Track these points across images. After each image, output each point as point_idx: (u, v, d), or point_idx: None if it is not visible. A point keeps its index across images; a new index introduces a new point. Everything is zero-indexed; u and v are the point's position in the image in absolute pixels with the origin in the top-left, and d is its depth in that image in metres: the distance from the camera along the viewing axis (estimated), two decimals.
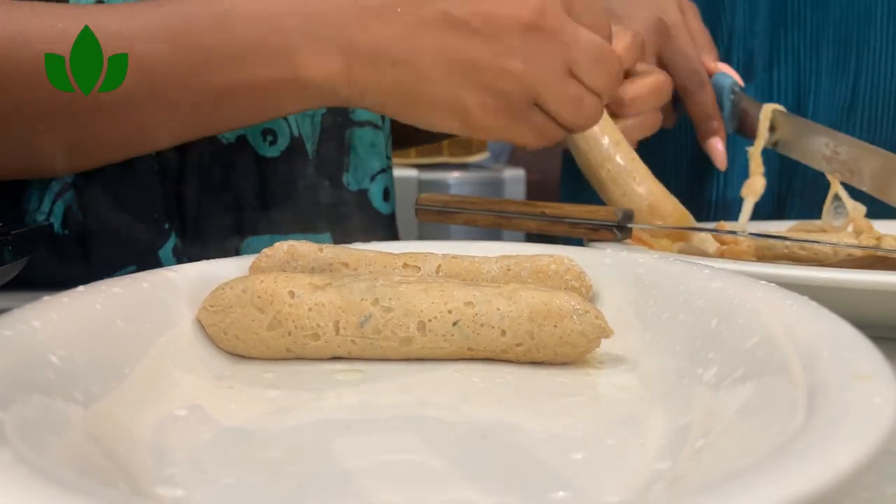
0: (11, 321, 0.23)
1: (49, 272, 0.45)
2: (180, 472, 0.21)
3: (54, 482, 0.15)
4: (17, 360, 0.21)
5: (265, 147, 0.53)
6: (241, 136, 0.53)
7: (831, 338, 0.22)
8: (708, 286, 0.30)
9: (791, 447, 0.16)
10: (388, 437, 0.24)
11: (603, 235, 0.46)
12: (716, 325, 0.27)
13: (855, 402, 0.17)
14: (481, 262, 0.35)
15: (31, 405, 0.20)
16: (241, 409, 0.26)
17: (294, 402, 0.27)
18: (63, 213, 0.48)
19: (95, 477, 0.19)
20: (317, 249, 0.36)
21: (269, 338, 0.30)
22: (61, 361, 0.23)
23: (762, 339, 0.24)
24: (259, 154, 0.53)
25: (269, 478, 0.21)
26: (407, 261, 0.35)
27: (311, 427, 0.25)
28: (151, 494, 0.20)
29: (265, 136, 0.53)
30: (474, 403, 0.27)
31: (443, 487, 0.20)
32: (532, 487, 0.20)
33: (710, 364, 0.25)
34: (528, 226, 0.49)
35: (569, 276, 0.34)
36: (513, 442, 0.23)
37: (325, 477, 0.21)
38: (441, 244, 0.39)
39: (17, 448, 0.17)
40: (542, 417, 0.26)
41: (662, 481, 0.20)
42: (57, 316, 0.25)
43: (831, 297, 0.27)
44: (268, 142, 0.53)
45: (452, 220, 0.51)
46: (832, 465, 0.14)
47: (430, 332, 0.29)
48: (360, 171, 0.60)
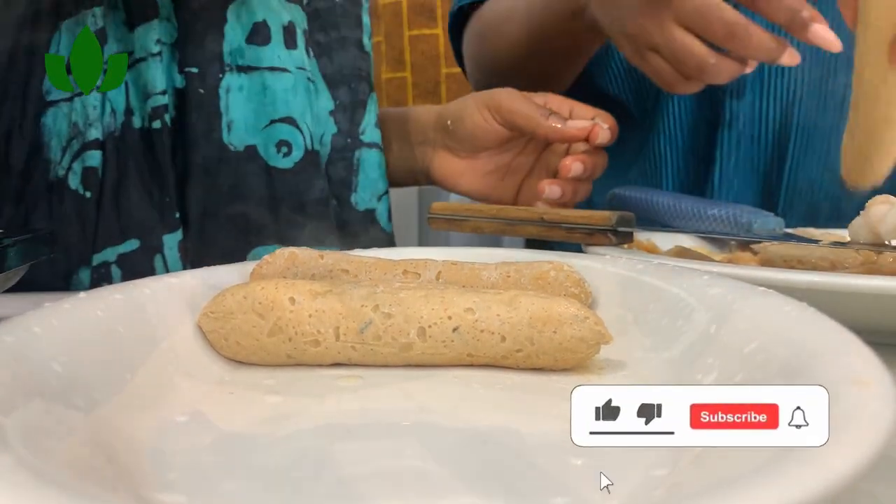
0: (13, 327, 0.23)
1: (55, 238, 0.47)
2: (181, 478, 0.21)
3: (56, 487, 0.15)
4: (19, 366, 0.21)
5: (277, 158, 0.54)
6: (251, 146, 0.53)
7: (830, 343, 0.22)
8: (707, 292, 0.30)
9: (790, 453, 0.16)
10: (388, 443, 0.24)
11: (599, 240, 0.46)
12: (715, 331, 0.27)
13: (853, 408, 0.17)
14: (481, 269, 0.35)
15: (32, 411, 0.20)
16: (242, 414, 0.26)
17: (295, 408, 0.27)
18: (82, 172, 0.49)
19: (97, 482, 0.19)
20: (317, 256, 0.36)
21: (269, 344, 0.30)
22: (63, 367, 0.23)
23: (761, 345, 0.24)
24: (270, 165, 0.54)
25: (269, 483, 0.21)
26: (407, 267, 0.35)
27: (311, 433, 0.25)
28: (153, 500, 0.20)
29: (279, 147, 0.54)
30: (474, 409, 0.27)
31: (442, 493, 0.21)
32: (531, 493, 0.20)
33: (709, 370, 0.25)
34: (529, 231, 0.49)
35: (568, 282, 0.34)
36: (512, 448, 0.23)
37: (325, 482, 0.21)
38: (441, 251, 0.40)
39: (19, 453, 0.17)
40: (541, 423, 0.26)
41: (661, 487, 0.20)
42: (58, 322, 0.25)
43: (830, 302, 0.27)
44: (282, 153, 0.54)
45: (461, 228, 0.52)
46: (831, 471, 0.15)
47: (431, 339, 0.29)
48: (368, 191, 0.61)
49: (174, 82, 0.52)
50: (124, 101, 0.51)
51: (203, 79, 0.52)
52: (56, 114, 0.49)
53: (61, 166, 0.49)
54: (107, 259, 0.50)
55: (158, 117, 0.51)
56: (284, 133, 0.54)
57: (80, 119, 0.49)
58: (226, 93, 0.53)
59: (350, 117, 0.61)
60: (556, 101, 0.60)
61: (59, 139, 0.49)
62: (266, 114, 0.54)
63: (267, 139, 0.54)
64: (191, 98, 0.52)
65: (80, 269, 0.50)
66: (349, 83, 0.61)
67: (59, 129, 0.49)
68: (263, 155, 0.54)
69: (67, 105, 0.49)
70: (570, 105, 0.60)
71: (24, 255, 0.38)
